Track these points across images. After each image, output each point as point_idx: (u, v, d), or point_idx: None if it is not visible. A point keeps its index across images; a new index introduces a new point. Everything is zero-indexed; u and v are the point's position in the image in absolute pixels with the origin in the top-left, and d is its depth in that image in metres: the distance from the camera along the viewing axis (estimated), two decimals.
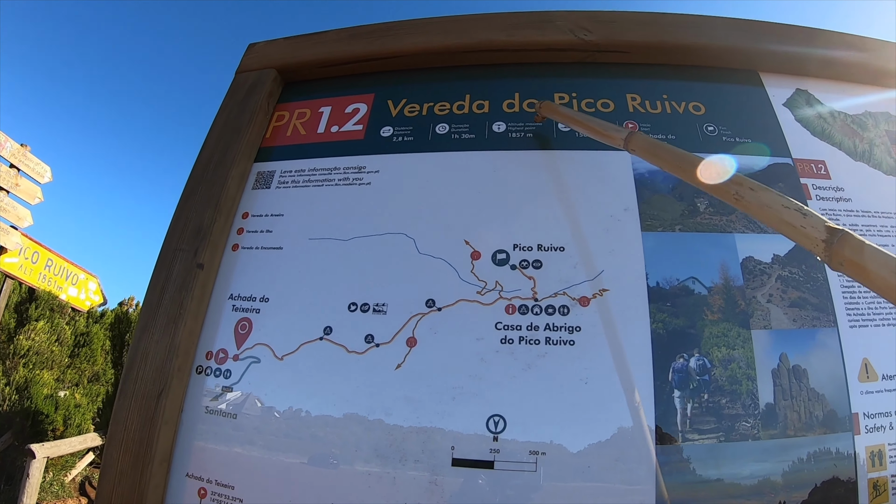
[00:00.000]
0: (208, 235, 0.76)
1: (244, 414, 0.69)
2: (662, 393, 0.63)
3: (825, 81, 0.87)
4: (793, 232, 0.41)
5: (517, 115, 0.78)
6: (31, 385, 3.17)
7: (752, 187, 0.45)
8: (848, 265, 0.37)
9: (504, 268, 0.67)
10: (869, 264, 0.36)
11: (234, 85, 0.87)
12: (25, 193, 3.36)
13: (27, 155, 3.31)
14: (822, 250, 0.39)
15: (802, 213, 0.41)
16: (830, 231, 0.39)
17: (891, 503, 0.68)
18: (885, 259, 0.35)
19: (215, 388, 0.72)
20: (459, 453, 0.61)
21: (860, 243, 0.37)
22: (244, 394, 0.70)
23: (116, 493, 0.69)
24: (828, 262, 0.39)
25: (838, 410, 0.68)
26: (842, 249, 0.38)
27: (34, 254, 3.95)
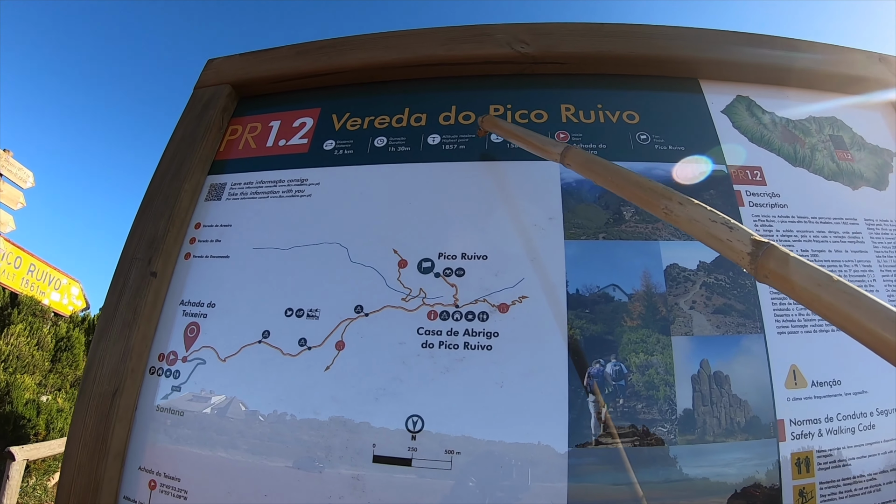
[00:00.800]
0: (162, 245, 0.87)
1: (189, 412, 0.79)
2: (577, 397, 0.70)
3: (768, 87, 0.93)
4: (720, 245, 0.44)
5: (452, 128, 0.86)
6: (13, 389, 3.37)
7: (680, 202, 0.48)
8: (773, 277, 0.39)
9: (428, 275, 0.75)
10: (793, 276, 0.37)
11: (191, 100, 0.97)
12: (7, 198, 3.58)
13: (9, 160, 3.52)
14: (748, 263, 0.41)
15: (729, 226, 0.43)
16: (756, 244, 0.41)
17: None
18: (810, 271, 0.36)
19: (165, 388, 0.82)
20: (380, 451, 0.69)
21: (785, 255, 0.39)
22: (190, 393, 0.80)
23: (75, 485, 0.80)
24: (754, 275, 0.41)
25: (762, 417, 0.73)
26: (767, 262, 0.39)
27: (17, 259, 4.17)
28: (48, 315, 4.43)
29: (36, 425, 3.33)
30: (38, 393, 3.69)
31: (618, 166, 0.59)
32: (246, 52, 1.00)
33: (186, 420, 0.79)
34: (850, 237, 0.87)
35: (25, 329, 3.83)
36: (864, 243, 0.87)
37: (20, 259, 4.20)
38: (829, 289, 0.35)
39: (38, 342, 3.90)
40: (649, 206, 0.52)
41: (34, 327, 3.94)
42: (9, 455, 2.20)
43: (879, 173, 0.95)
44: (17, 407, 3.33)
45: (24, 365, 3.69)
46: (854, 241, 0.87)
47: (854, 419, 0.75)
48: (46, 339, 4.01)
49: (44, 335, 3.99)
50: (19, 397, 3.38)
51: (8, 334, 3.71)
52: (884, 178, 0.94)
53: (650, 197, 0.51)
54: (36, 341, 3.86)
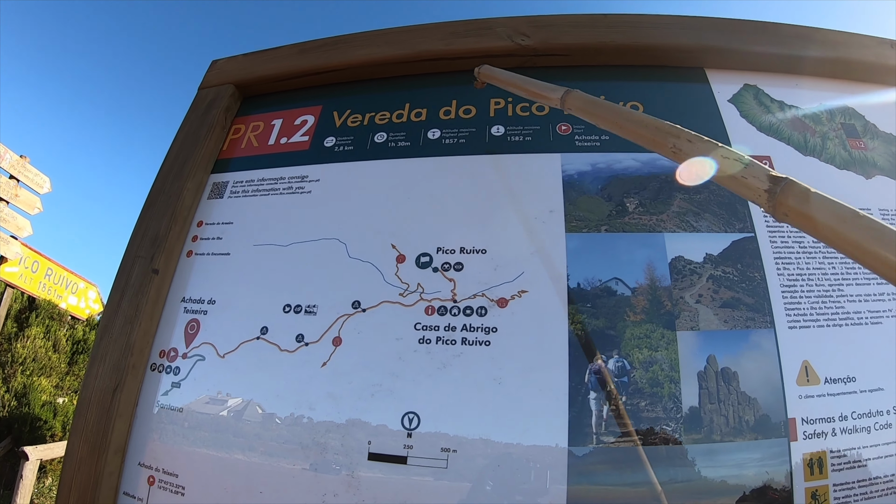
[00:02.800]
0: (164, 243, 0.87)
1: (188, 408, 0.78)
2: (577, 394, 0.67)
3: (776, 76, 0.89)
4: (734, 183, 0.41)
5: (452, 122, 0.85)
6: (30, 391, 3.43)
7: (689, 139, 0.45)
8: (793, 215, 0.37)
9: (426, 270, 0.74)
10: (815, 213, 0.35)
11: (196, 100, 0.98)
12: (25, 204, 3.67)
13: (26, 166, 3.61)
14: (766, 201, 0.38)
15: (743, 162, 0.40)
16: (773, 180, 0.38)
17: None
18: (833, 206, 0.34)
19: (166, 385, 0.81)
20: (376, 448, 0.68)
21: (805, 190, 0.36)
22: (189, 389, 0.79)
23: (76, 479, 0.80)
24: (772, 213, 0.38)
25: (772, 415, 0.70)
26: (786, 198, 0.37)
27: (34, 263, 4.27)
28: (65, 318, 4.53)
29: (52, 427, 3.39)
30: (54, 395, 3.77)
31: (621, 107, 0.55)
32: (249, 53, 1.00)
33: (185, 416, 0.79)
34: None
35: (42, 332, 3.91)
36: None
37: (38, 263, 4.30)
38: (854, 224, 0.32)
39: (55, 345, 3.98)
40: (656, 146, 0.48)
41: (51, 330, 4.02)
42: (22, 455, 2.24)
43: (894, 161, 0.90)
44: (34, 408, 3.41)
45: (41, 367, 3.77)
46: None
47: (870, 418, 0.71)
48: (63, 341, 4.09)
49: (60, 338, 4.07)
50: (36, 399, 3.45)
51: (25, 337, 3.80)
52: None
53: (656, 136, 0.48)
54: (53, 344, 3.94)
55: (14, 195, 3.57)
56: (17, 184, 3.63)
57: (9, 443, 3.20)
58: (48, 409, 3.48)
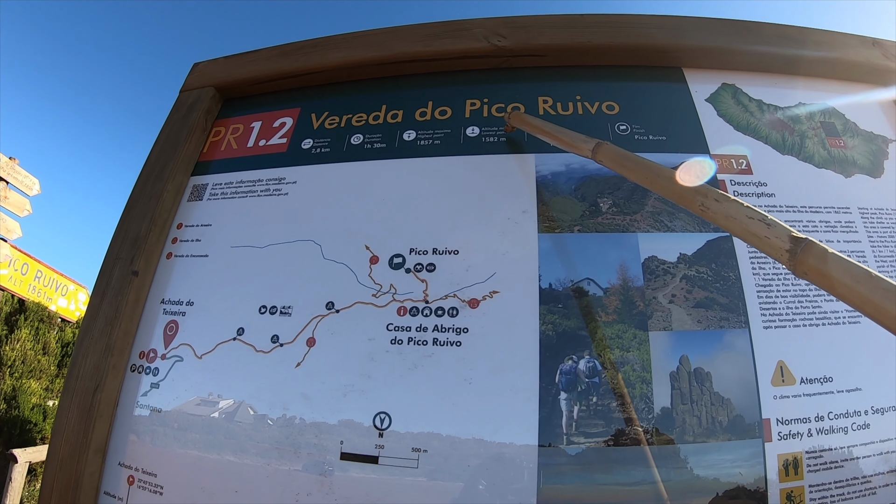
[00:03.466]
0: (144, 245, 0.87)
1: (167, 408, 0.79)
2: (548, 395, 0.67)
3: (756, 74, 0.89)
4: (758, 242, 0.44)
5: (428, 123, 0.85)
6: (19, 394, 3.45)
7: (717, 198, 0.48)
8: (812, 273, 0.39)
9: (399, 271, 0.74)
10: (833, 272, 0.38)
11: (177, 103, 0.99)
12: (14, 206, 3.68)
13: (15, 168, 3.62)
14: (787, 259, 0.41)
15: (766, 223, 0.43)
16: (794, 240, 0.41)
17: None
18: (849, 267, 0.37)
19: (145, 385, 0.82)
20: (348, 447, 0.68)
21: (824, 251, 0.39)
22: (168, 390, 0.80)
23: (58, 480, 0.81)
24: (793, 271, 0.41)
25: (746, 416, 0.70)
26: (806, 258, 0.40)
27: (24, 265, 4.28)
28: (55, 321, 4.55)
29: (42, 430, 3.41)
30: (44, 398, 3.78)
31: (652, 162, 0.56)
32: (230, 55, 1.01)
33: (164, 417, 0.80)
34: (842, 226, 0.83)
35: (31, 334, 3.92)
36: (857, 233, 0.83)
37: (27, 266, 4.31)
38: (869, 284, 0.35)
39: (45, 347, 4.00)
40: (685, 202, 0.51)
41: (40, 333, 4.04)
42: (11, 457, 2.25)
43: (874, 160, 0.90)
44: (23, 411, 3.42)
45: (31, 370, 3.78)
46: (847, 231, 0.83)
47: (847, 418, 0.71)
48: (53, 344, 4.11)
49: (50, 340, 4.09)
50: (26, 402, 3.47)
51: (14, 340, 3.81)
52: (879, 166, 0.90)
53: (686, 193, 0.50)
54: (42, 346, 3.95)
55: (3, 197, 3.59)
56: (5, 186, 3.65)
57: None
58: (38, 412, 3.50)
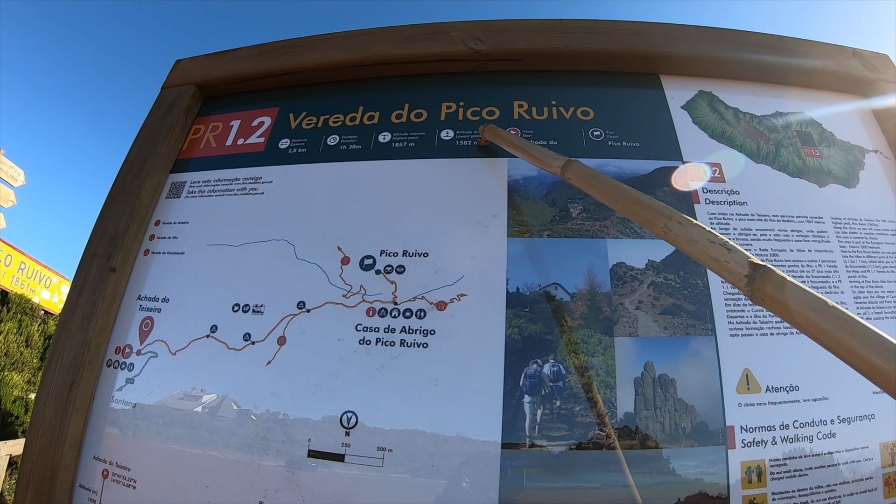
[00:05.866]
0: (122, 241, 0.89)
1: (140, 404, 0.82)
2: (512, 398, 0.69)
3: (733, 83, 0.91)
4: (717, 266, 0.45)
5: (403, 126, 0.87)
6: (1, 387, 3.48)
7: (680, 221, 0.49)
8: (769, 301, 0.40)
9: (370, 273, 0.76)
10: (789, 301, 0.38)
11: (158, 100, 1.00)
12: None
13: (1, 158, 3.64)
14: (745, 285, 0.42)
15: (727, 248, 0.44)
16: (753, 266, 0.42)
17: None
18: (805, 296, 0.37)
19: (121, 380, 0.84)
20: (315, 445, 0.70)
21: (781, 280, 0.40)
22: (142, 385, 0.82)
23: (34, 473, 0.83)
24: (750, 297, 0.42)
25: (710, 423, 0.71)
26: (763, 285, 0.40)
27: (7, 256, 4.31)
28: (38, 313, 4.58)
29: (24, 423, 3.44)
30: (26, 391, 3.82)
31: (619, 183, 0.58)
32: (211, 53, 1.02)
33: (138, 412, 0.82)
34: (814, 236, 0.84)
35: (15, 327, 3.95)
36: (829, 242, 0.84)
37: (11, 257, 4.34)
38: (824, 314, 0.36)
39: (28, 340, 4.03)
40: (649, 225, 0.52)
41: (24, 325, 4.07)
42: None
43: (850, 171, 0.92)
44: (5, 404, 3.46)
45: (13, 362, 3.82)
46: (819, 241, 0.84)
47: (813, 427, 0.72)
48: (36, 336, 4.14)
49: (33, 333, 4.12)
50: (7, 395, 3.50)
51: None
52: (854, 176, 0.91)
53: (650, 215, 0.52)
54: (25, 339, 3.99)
55: None
56: None
57: None
58: (20, 405, 3.53)
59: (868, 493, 0.71)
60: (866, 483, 0.72)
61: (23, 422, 3.48)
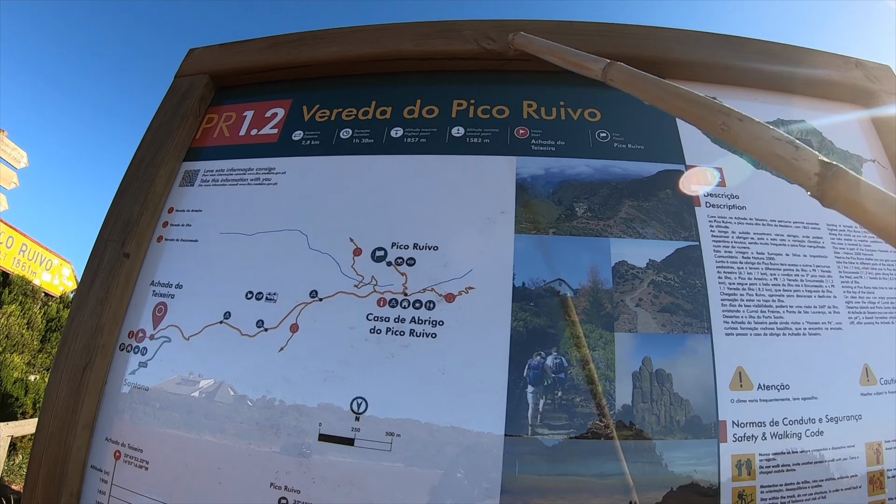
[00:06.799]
0: (135, 228, 0.93)
1: (153, 387, 0.86)
2: (516, 388, 0.74)
3: (736, 89, 0.95)
4: (784, 165, 0.43)
5: (415, 121, 0.91)
6: (2, 368, 3.54)
7: (740, 118, 0.46)
8: (842, 202, 0.39)
9: (381, 264, 0.80)
10: (866, 201, 0.37)
11: (171, 88, 1.04)
12: (1, 178, 3.72)
13: (3, 140, 3.68)
14: (815, 185, 0.41)
15: (794, 146, 0.42)
16: (824, 165, 0.40)
17: None
18: (884, 197, 0.36)
19: (133, 364, 0.88)
20: (326, 430, 0.75)
21: (856, 179, 0.38)
22: (155, 369, 0.86)
23: (46, 454, 0.86)
24: (820, 199, 0.41)
25: (703, 417, 0.76)
26: (836, 184, 0.39)
27: (9, 238, 4.36)
28: (39, 295, 4.62)
29: (24, 404, 3.51)
30: (26, 372, 3.87)
31: (666, 82, 0.56)
32: (225, 43, 1.06)
33: (150, 395, 0.86)
34: (809, 241, 0.89)
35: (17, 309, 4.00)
36: (824, 248, 0.89)
37: (12, 239, 4.38)
38: None
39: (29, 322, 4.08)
40: (704, 124, 0.50)
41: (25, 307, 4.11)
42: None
43: None
44: (5, 386, 3.52)
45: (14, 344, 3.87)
46: (814, 246, 0.89)
47: (801, 424, 0.77)
48: (37, 319, 4.19)
49: (34, 315, 4.17)
50: (8, 376, 3.56)
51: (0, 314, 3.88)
52: None
53: (706, 113, 0.49)
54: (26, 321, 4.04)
55: None
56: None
57: None
58: (20, 387, 3.59)
59: (853, 490, 0.76)
60: (851, 480, 0.76)
61: (22, 403, 3.54)
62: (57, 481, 0.84)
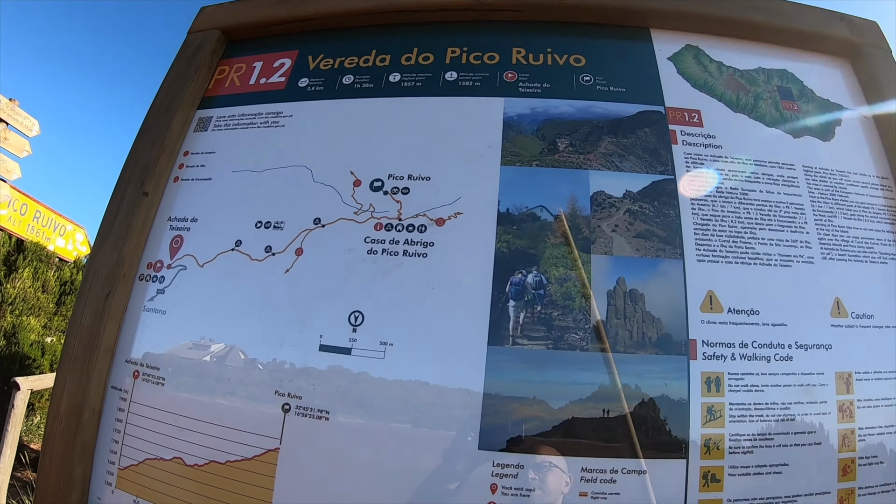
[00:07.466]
0: (153, 169, 1.03)
1: (171, 310, 0.95)
2: (498, 302, 0.83)
3: (721, 39, 1.03)
4: None
5: (412, 67, 1.00)
6: (19, 331, 3.73)
7: None
8: None
9: (378, 193, 0.90)
10: None
11: (184, 44, 1.14)
12: (14, 147, 3.92)
13: (15, 109, 3.84)
14: None
15: None
16: None
17: (726, 429, 0.79)
18: None
19: (152, 291, 0.98)
20: (326, 340, 0.84)
21: None
22: (172, 294, 0.96)
23: (70, 376, 0.94)
24: None
25: (674, 334, 0.82)
26: None
27: (23, 206, 4.55)
28: (53, 260, 4.83)
29: (40, 365, 3.70)
30: (42, 334, 4.07)
31: None
32: (235, 0, 1.16)
33: (168, 318, 0.95)
34: (784, 180, 0.96)
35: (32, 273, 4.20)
36: (798, 187, 0.95)
37: (26, 206, 4.58)
38: None
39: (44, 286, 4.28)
40: None
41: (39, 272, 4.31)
42: (14, 385, 2.49)
43: (826, 125, 1.02)
44: (22, 347, 3.72)
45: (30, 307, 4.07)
46: (788, 185, 0.95)
47: (770, 348, 0.83)
48: (52, 282, 4.39)
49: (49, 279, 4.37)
50: (25, 338, 3.77)
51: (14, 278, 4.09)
52: (830, 131, 1.02)
53: None
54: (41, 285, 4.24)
55: (3, 138, 3.84)
56: (5, 127, 3.90)
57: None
58: (36, 348, 3.78)
59: (822, 415, 0.81)
60: (820, 406, 0.81)
61: (40, 364, 3.73)
62: (80, 400, 0.92)
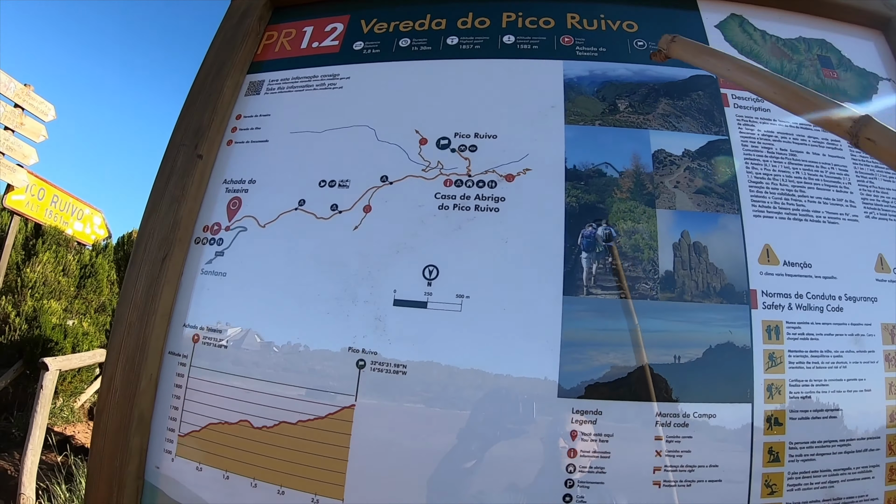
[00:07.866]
0: (206, 133, 1.04)
1: (232, 271, 0.96)
2: (571, 254, 0.86)
3: (762, 9, 1.07)
4: None
5: (469, 31, 1.03)
6: (40, 314, 3.69)
7: None
8: None
9: (445, 151, 0.92)
10: None
11: (229, 11, 1.14)
12: (30, 132, 3.91)
13: (31, 94, 3.81)
14: None
15: None
16: None
17: (787, 374, 0.84)
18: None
19: (209, 254, 0.98)
20: (400, 295, 0.86)
21: None
22: (232, 256, 0.97)
23: (125, 344, 0.94)
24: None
25: (736, 285, 0.87)
26: None
27: (40, 190, 4.50)
28: (72, 244, 4.76)
29: (63, 347, 3.66)
30: (64, 318, 4.01)
31: None
32: None
33: (228, 280, 0.96)
34: (828, 143, 1.01)
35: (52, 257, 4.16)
36: (841, 150, 1.01)
37: (43, 191, 4.51)
38: None
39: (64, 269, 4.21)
40: None
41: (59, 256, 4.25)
42: (42, 366, 2.45)
43: (863, 93, 1.09)
44: (45, 331, 3.68)
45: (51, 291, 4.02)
46: (832, 148, 1.01)
47: (823, 300, 0.88)
48: (72, 266, 4.32)
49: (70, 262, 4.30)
50: (47, 322, 3.73)
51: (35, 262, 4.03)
52: (867, 98, 1.09)
53: None
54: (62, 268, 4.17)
55: (19, 123, 3.83)
56: (22, 112, 3.91)
57: (21, 366, 3.43)
58: (58, 331, 3.73)
59: (870, 364, 0.86)
60: (869, 355, 0.86)
61: (62, 346, 3.67)
62: (136, 369, 0.92)
